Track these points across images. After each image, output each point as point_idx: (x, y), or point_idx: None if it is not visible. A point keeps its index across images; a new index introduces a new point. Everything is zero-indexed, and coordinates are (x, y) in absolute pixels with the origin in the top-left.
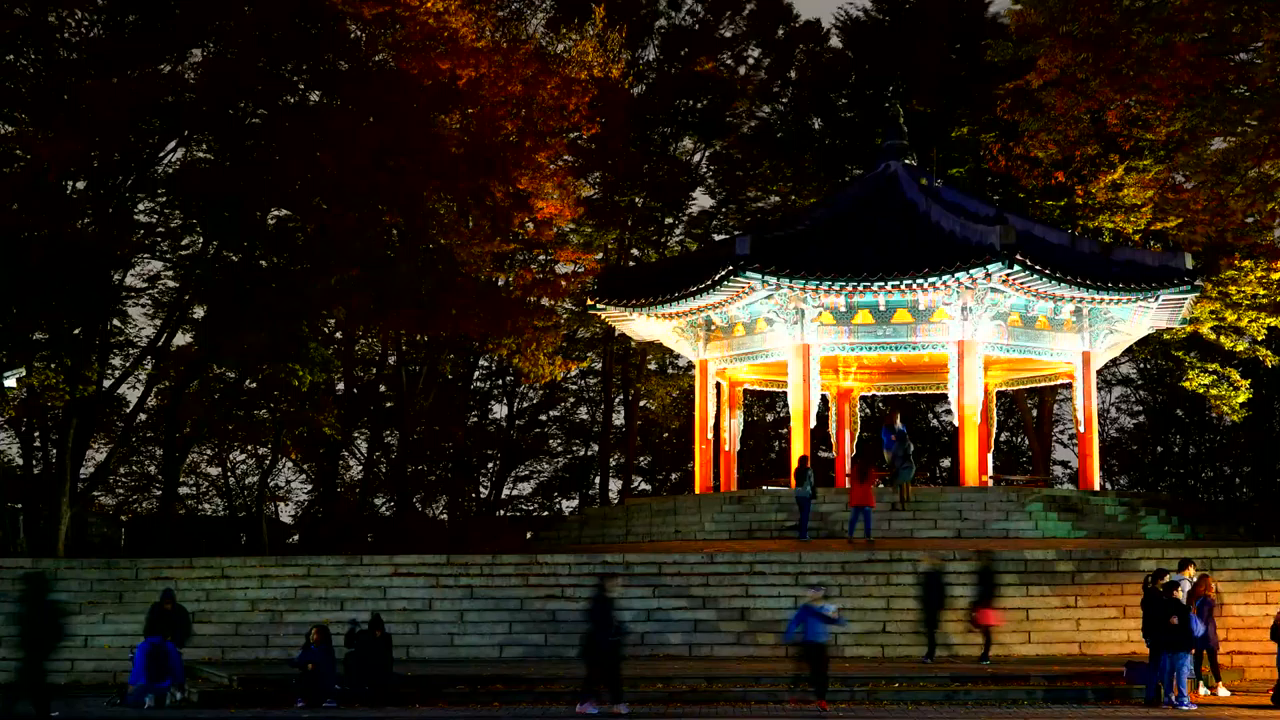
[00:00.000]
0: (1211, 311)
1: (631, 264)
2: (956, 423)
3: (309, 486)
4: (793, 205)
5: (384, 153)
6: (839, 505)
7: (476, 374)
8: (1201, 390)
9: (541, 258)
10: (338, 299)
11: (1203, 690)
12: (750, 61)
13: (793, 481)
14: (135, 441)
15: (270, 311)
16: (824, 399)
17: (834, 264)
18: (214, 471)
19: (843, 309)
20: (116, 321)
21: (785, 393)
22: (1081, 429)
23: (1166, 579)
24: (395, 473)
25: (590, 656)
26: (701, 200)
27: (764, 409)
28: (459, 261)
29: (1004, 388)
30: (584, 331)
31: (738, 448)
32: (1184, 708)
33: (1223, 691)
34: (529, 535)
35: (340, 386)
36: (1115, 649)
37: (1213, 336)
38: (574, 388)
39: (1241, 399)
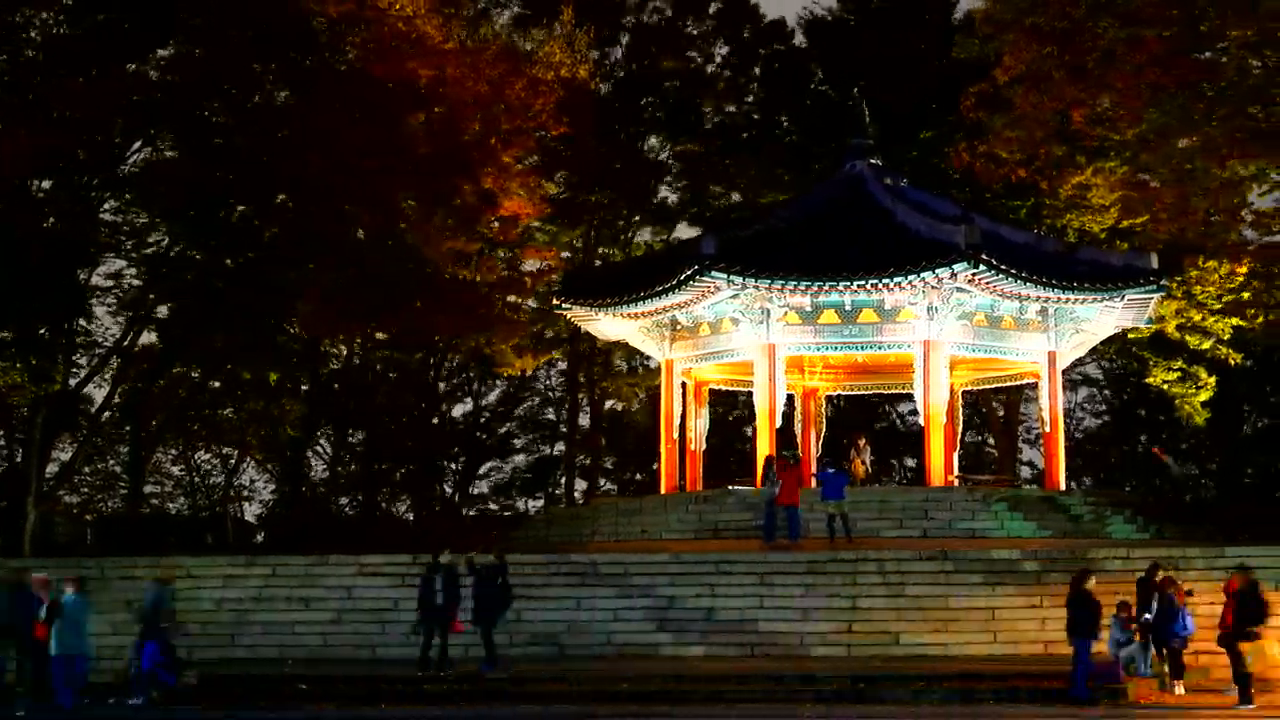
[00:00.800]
0: (1177, 310)
1: (597, 262)
2: (922, 422)
3: (273, 486)
4: (758, 203)
5: (351, 152)
6: (803, 505)
7: (442, 372)
8: (1166, 386)
9: (508, 256)
10: (305, 298)
11: (1179, 690)
12: (717, 60)
13: (759, 482)
14: (100, 441)
15: (235, 310)
16: (789, 398)
17: (799, 264)
18: (179, 471)
19: (808, 308)
20: (82, 321)
21: (751, 392)
22: (1047, 429)
23: (1160, 575)
24: (360, 472)
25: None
26: (668, 198)
27: (729, 409)
28: (426, 259)
29: (970, 387)
30: (550, 330)
31: (703, 447)
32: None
33: (1179, 690)
34: (494, 535)
35: (305, 386)
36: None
37: (1178, 336)
38: (539, 386)
39: (1205, 397)
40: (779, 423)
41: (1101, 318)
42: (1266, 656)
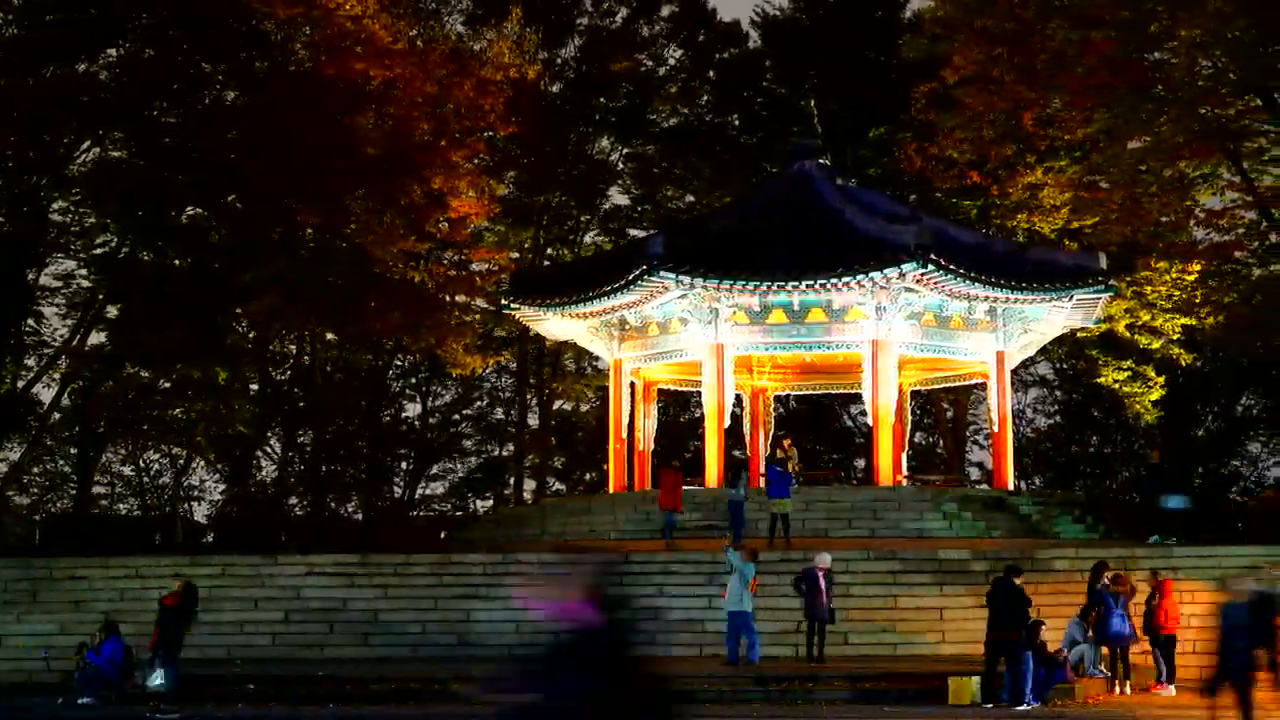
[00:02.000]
0: (1127, 310)
1: (546, 262)
2: (871, 422)
3: (223, 486)
4: (708, 205)
5: (300, 152)
6: (752, 505)
7: (391, 373)
8: (1116, 386)
9: (457, 256)
10: (252, 297)
11: (1124, 689)
12: (670, 63)
13: (718, 482)
14: (49, 441)
15: (184, 310)
16: (738, 398)
17: (748, 264)
18: (128, 471)
19: (757, 309)
20: (31, 321)
21: (700, 392)
22: (996, 429)
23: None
24: (309, 472)
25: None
26: (617, 199)
27: (679, 409)
28: (375, 259)
29: (919, 387)
30: (499, 330)
31: (652, 447)
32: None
33: (1124, 690)
34: (443, 535)
35: (254, 386)
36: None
37: (1128, 336)
38: (488, 387)
39: (1155, 396)
40: (728, 423)
41: (1050, 317)
42: None
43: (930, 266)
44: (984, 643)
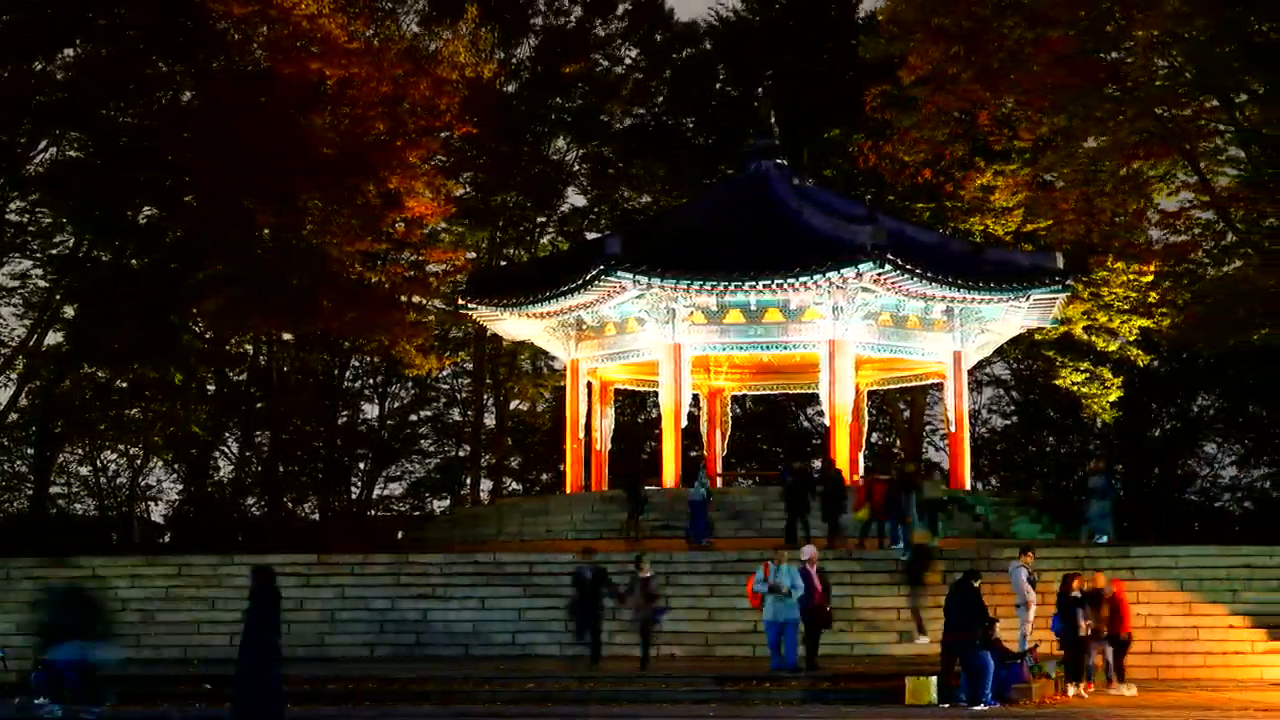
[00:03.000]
0: (1084, 312)
1: (503, 263)
2: (828, 422)
3: (180, 486)
4: (665, 205)
5: (255, 152)
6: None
7: (348, 373)
8: (1074, 388)
9: (414, 256)
10: (208, 296)
11: (1074, 689)
12: (626, 62)
13: (675, 483)
14: (6, 441)
15: (141, 310)
16: (695, 398)
17: (705, 263)
18: (85, 471)
19: (714, 308)
20: None
21: (657, 392)
22: (953, 429)
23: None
24: (266, 472)
25: None
26: (574, 199)
27: (636, 409)
28: (331, 260)
29: (875, 387)
30: (456, 331)
31: (609, 447)
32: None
33: (1074, 689)
34: (400, 535)
35: (211, 387)
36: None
37: (1085, 337)
38: (445, 388)
39: (1113, 397)
40: (684, 423)
41: (1007, 318)
42: None
43: (887, 266)
44: (940, 643)
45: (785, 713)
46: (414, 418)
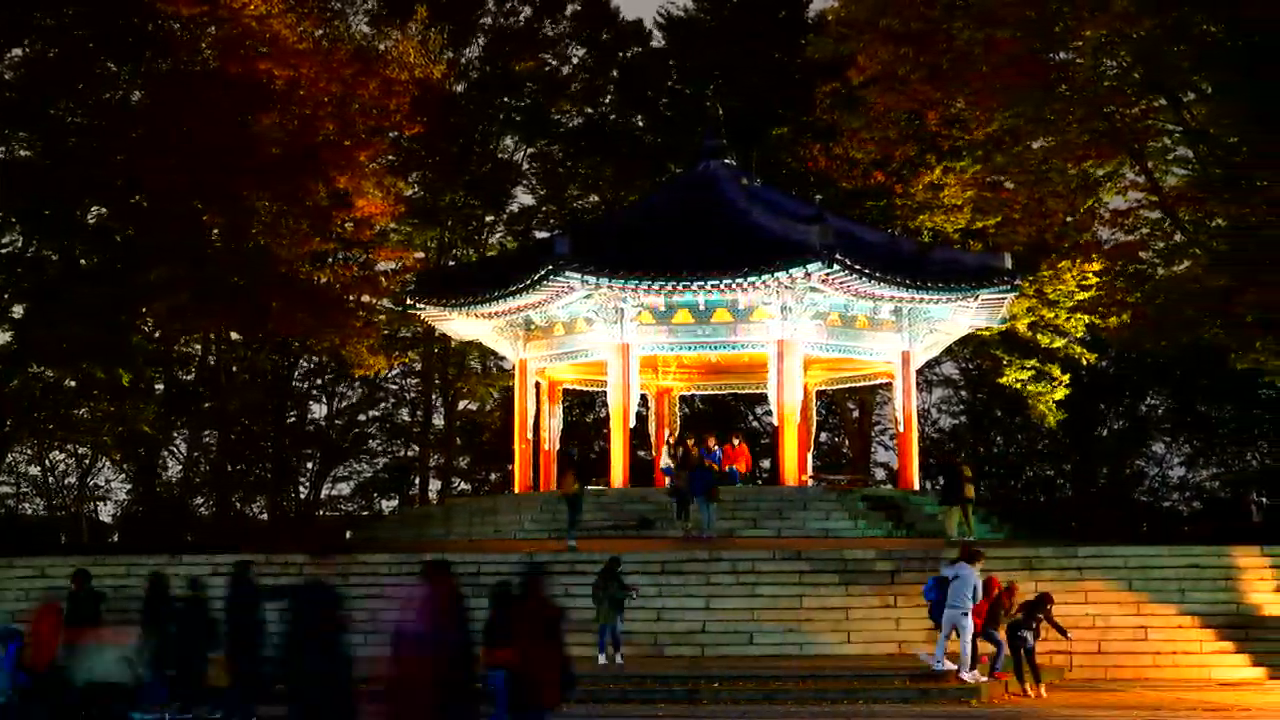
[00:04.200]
0: (1029, 309)
1: (452, 263)
2: (776, 422)
3: (129, 486)
4: (614, 204)
5: (204, 152)
6: (658, 505)
7: (297, 373)
8: (1019, 385)
9: (362, 256)
10: (157, 297)
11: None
12: (574, 62)
13: (623, 482)
14: None
15: (90, 309)
16: (644, 398)
17: (653, 263)
18: (34, 471)
19: (662, 308)
20: None
21: (605, 392)
22: (901, 429)
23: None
24: (215, 472)
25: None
26: (523, 199)
27: (584, 409)
28: (279, 259)
29: (824, 387)
30: (405, 330)
31: (558, 447)
32: None
33: (1035, 691)
34: (349, 535)
35: (160, 386)
36: (935, 648)
37: (1029, 335)
38: (394, 388)
39: (1059, 396)
40: (633, 423)
41: (956, 318)
42: None
43: (835, 266)
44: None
45: (735, 712)
46: (363, 418)
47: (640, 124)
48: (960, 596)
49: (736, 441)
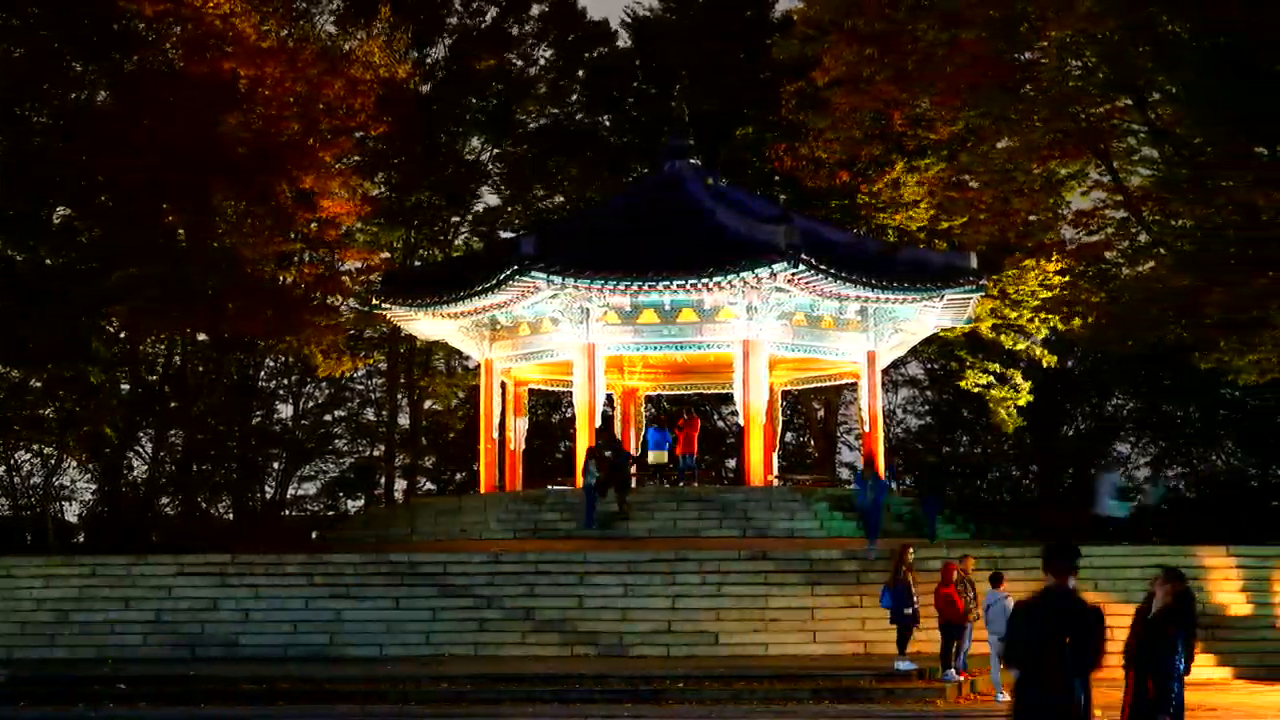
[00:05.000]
0: (992, 310)
1: (417, 263)
2: (742, 422)
3: (94, 486)
4: (580, 205)
5: (169, 153)
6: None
7: (263, 374)
8: (979, 390)
9: (327, 256)
10: (123, 297)
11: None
12: (540, 62)
13: (579, 477)
14: None
15: (55, 310)
16: (609, 398)
17: (619, 263)
18: None
19: (628, 308)
20: None
21: (571, 392)
22: (867, 428)
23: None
24: (180, 473)
25: None
26: (488, 199)
27: (550, 409)
28: (244, 260)
29: (790, 387)
30: (370, 331)
31: (523, 447)
32: None
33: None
34: (314, 535)
35: (125, 386)
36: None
37: (992, 335)
38: (360, 388)
39: (1022, 401)
40: (599, 423)
41: (922, 317)
42: None
43: (801, 266)
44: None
45: (700, 711)
46: (328, 418)
47: (606, 124)
48: (999, 621)
49: (683, 421)
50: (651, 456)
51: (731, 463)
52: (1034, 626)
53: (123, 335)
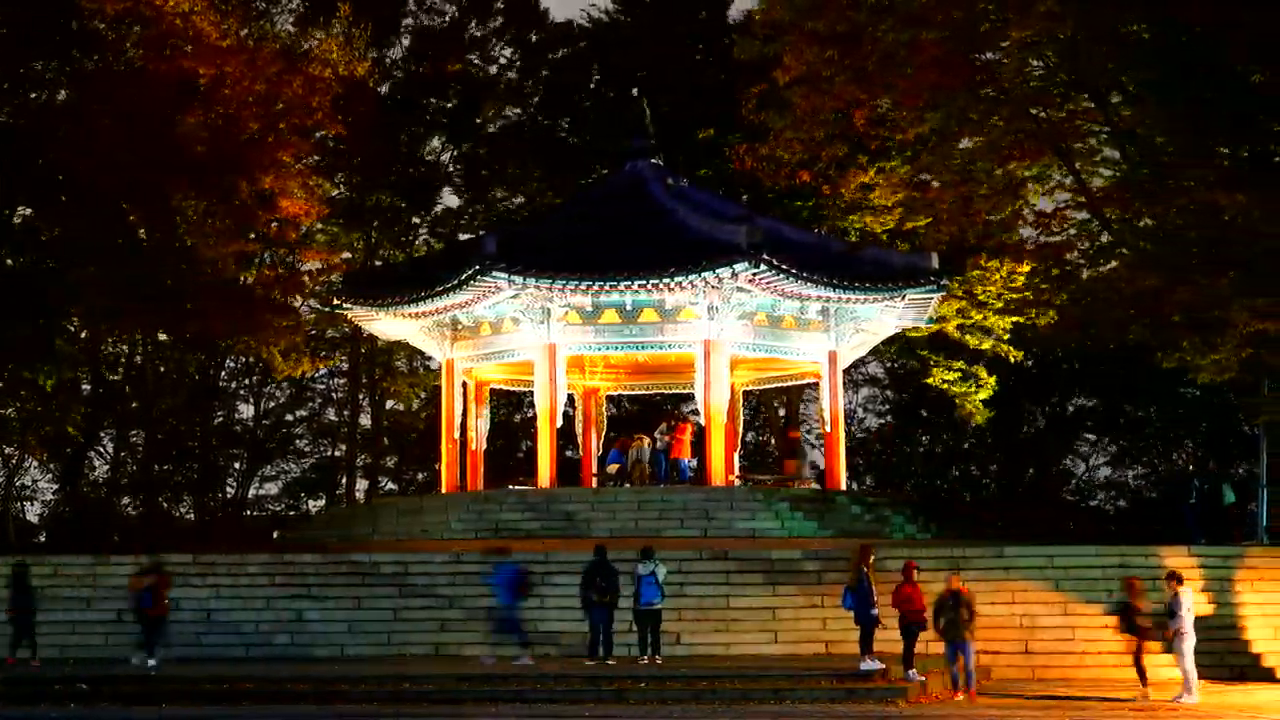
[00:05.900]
0: (958, 310)
1: (378, 263)
2: (703, 422)
3: (55, 486)
4: (541, 205)
5: (128, 152)
6: (585, 505)
7: (223, 374)
8: (945, 386)
9: (287, 256)
10: (84, 297)
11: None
12: (501, 62)
13: (550, 482)
14: None
15: (16, 310)
16: (570, 398)
17: (580, 263)
18: None
19: (589, 308)
20: None
21: (532, 392)
22: (828, 428)
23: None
24: (141, 473)
25: None
26: (449, 200)
27: (511, 409)
28: (203, 260)
29: (751, 387)
30: (332, 331)
31: (484, 447)
32: None
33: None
34: (276, 535)
35: (86, 387)
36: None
37: (958, 335)
38: (321, 388)
39: (985, 396)
40: (560, 423)
41: (883, 317)
42: None
43: (762, 266)
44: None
45: (663, 712)
46: (290, 418)
47: (567, 125)
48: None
49: (674, 423)
50: (611, 468)
51: (694, 462)
52: None
53: (83, 335)
